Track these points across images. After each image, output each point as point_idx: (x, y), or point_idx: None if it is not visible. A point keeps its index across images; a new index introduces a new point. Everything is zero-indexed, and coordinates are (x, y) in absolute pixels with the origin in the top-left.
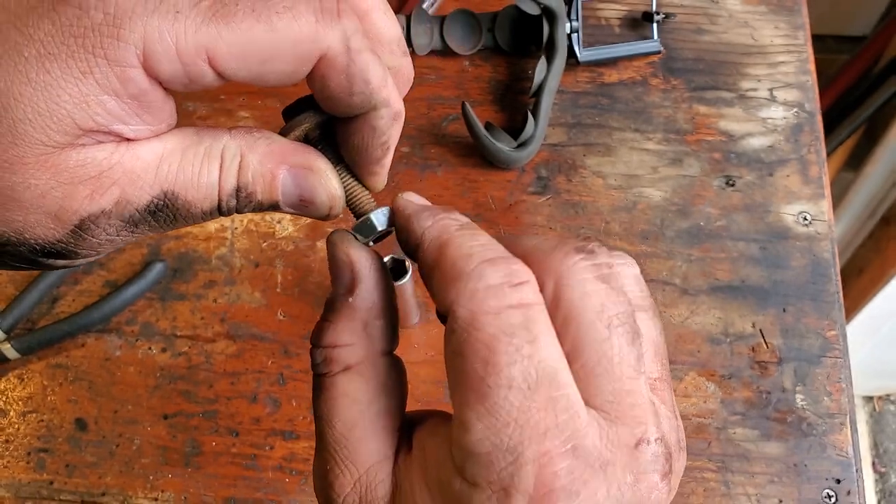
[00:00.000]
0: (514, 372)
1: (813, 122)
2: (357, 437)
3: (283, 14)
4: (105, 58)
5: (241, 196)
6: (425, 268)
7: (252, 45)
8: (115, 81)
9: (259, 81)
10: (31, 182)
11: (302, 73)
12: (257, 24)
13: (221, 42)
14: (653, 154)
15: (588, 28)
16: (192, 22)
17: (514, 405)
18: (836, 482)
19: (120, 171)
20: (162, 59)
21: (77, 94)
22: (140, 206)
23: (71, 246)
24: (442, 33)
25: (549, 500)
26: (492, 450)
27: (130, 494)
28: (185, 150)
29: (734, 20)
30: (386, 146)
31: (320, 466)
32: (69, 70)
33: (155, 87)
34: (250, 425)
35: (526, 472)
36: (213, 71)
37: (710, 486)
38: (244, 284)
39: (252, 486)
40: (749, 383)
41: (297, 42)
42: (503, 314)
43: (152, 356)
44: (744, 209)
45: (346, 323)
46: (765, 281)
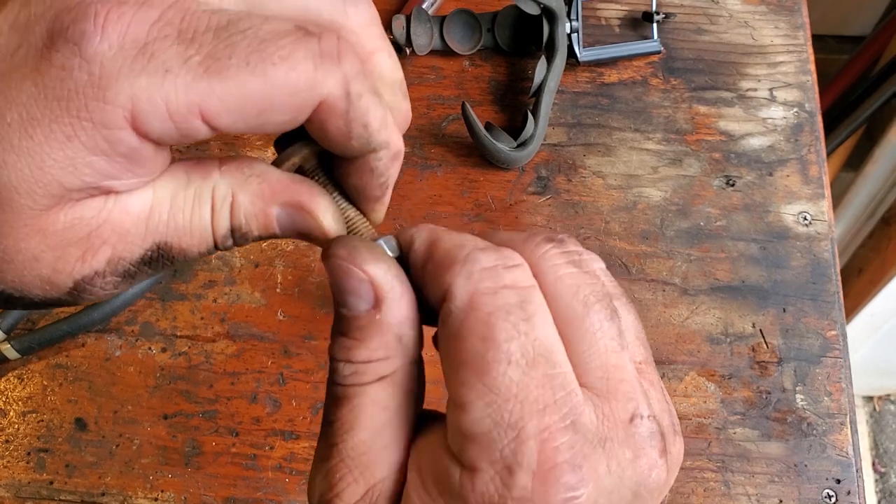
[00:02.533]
0: (513, 347)
1: (813, 121)
2: (381, 446)
3: (279, 65)
4: (91, 121)
5: (237, 235)
6: (417, 264)
7: (247, 99)
8: (102, 143)
9: (256, 132)
10: (22, 247)
11: (300, 121)
12: (252, 77)
13: (214, 98)
14: (653, 154)
15: (588, 28)
16: (183, 80)
17: (513, 380)
18: (836, 482)
19: (109, 229)
20: (152, 120)
21: (62, 158)
22: (133, 260)
23: (69, 302)
24: (442, 33)
25: (553, 474)
26: (492, 427)
27: (130, 494)
28: (174, 196)
29: (734, 20)
30: (385, 186)
31: (325, 471)
32: (53, 135)
33: (146, 143)
34: (250, 425)
35: (529, 447)
36: (206, 126)
37: (710, 486)
38: (244, 284)
39: (252, 486)
40: (749, 383)
41: (295, 92)
42: (499, 293)
43: (152, 356)
44: (744, 209)
45: (379, 339)
46: (765, 281)
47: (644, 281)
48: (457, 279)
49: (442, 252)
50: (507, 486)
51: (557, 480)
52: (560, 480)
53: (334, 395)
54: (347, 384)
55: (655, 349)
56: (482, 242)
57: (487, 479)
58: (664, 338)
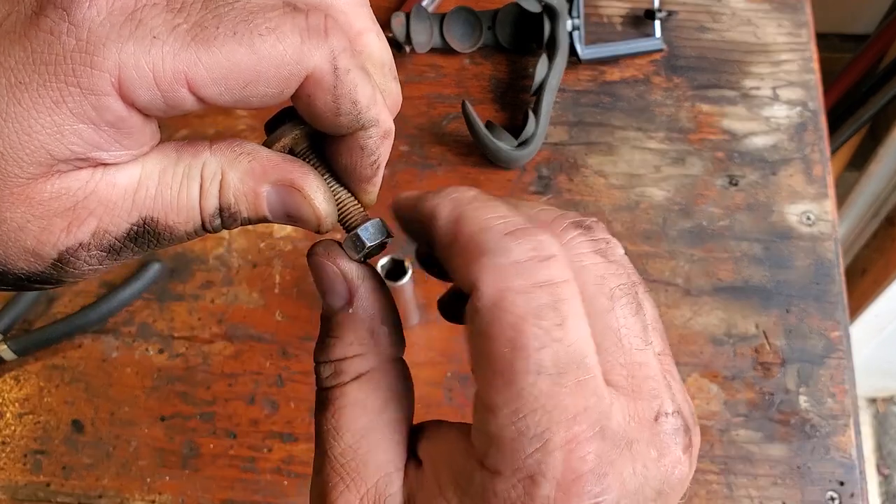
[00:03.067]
0: (544, 356)
1: (816, 120)
2: (367, 448)
3: (266, 36)
4: (78, 86)
5: (225, 216)
6: (443, 245)
7: (234, 70)
8: (89, 110)
9: (242, 105)
10: (7, 216)
11: (287, 94)
12: (239, 47)
13: (201, 67)
14: (655, 153)
15: (590, 26)
16: (171, 47)
17: (542, 391)
18: (839, 484)
19: (95, 200)
20: (138, 87)
21: (50, 124)
22: (119, 234)
23: (54, 276)
24: (442, 31)
25: (577, 485)
26: (517, 436)
27: (127, 496)
28: (163, 171)
29: (737, 18)
30: (376, 165)
31: (320, 484)
32: (41, 100)
33: (133, 113)
34: (248, 427)
35: (554, 458)
36: (193, 96)
37: (713, 489)
38: (242, 285)
39: (250, 489)
40: (752, 385)
41: (282, 64)
42: (532, 294)
43: (149, 357)
44: (747, 209)
45: (352, 334)
46: (768, 281)
47: (647, 281)
48: (484, 274)
49: (467, 236)
50: (530, 494)
51: (581, 490)
52: (584, 490)
53: (319, 400)
54: (328, 386)
55: None
56: (511, 220)
57: (510, 485)
58: (667, 339)
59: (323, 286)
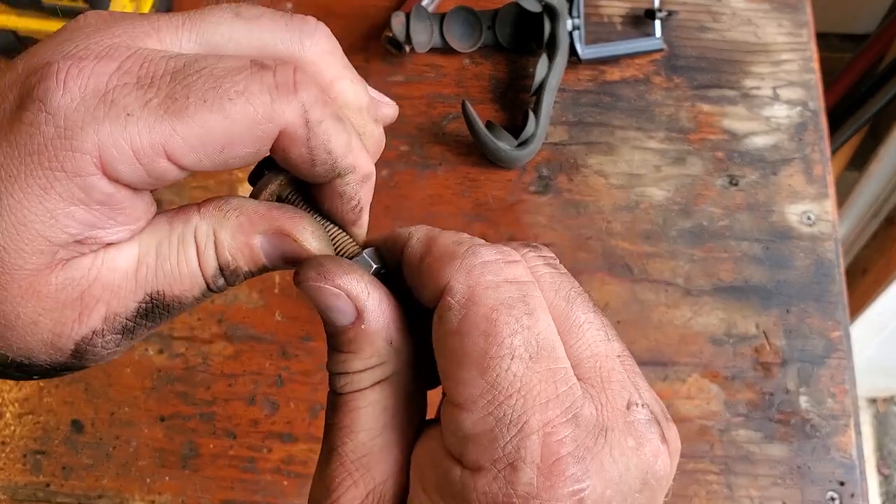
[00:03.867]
0: (517, 342)
1: (817, 120)
2: (380, 447)
3: (235, 100)
4: (63, 170)
5: (227, 273)
6: (413, 262)
7: (209, 136)
8: (77, 191)
9: (224, 167)
10: (19, 311)
11: (264, 152)
12: (211, 114)
13: (177, 137)
14: (655, 153)
15: (590, 25)
16: (145, 123)
17: (516, 375)
18: (839, 484)
19: (100, 286)
20: (119, 163)
21: (43, 211)
22: (129, 314)
23: (76, 364)
24: (442, 31)
25: (557, 468)
26: (494, 425)
27: (127, 497)
28: (159, 245)
29: (737, 18)
30: (358, 208)
31: (325, 479)
32: (30, 189)
33: (120, 188)
34: (248, 427)
35: (532, 441)
36: (174, 166)
37: (713, 489)
38: (242, 285)
39: (250, 489)
40: (752, 385)
41: (254, 124)
42: (501, 288)
43: (149, 357)
44: (747, 209)
45: (369, 348)
46: (768, 281)
47: (646, 281)
48: (457, 273)
49: (441, 247)
50: (512, 483)
51: (563, 473)
52: (565, 473)
53: (333, 402)
54: (346, 391)
55: (657, 350)
56: (479, 240)
57: (491, 478)
58: (666, 339)
59: (324, 307)
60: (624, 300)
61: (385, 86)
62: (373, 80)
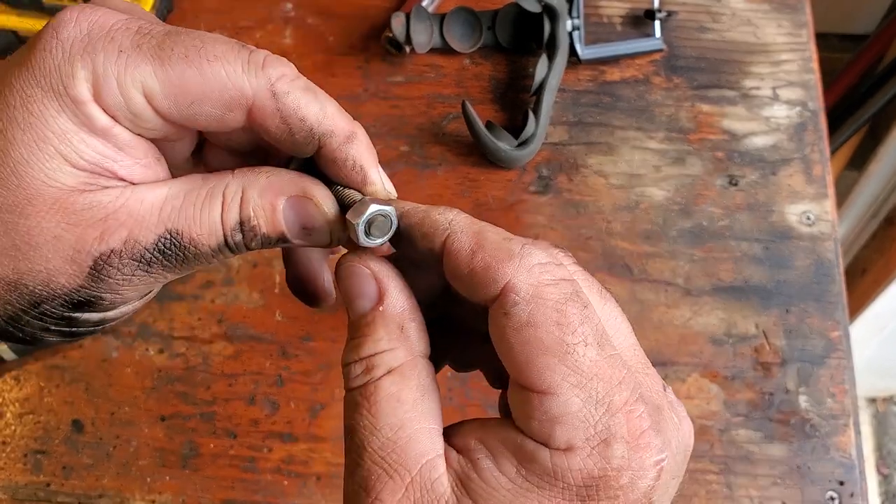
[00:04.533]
0: (587, 330)
1: (816, 120)
2: (406, 438)
3: (212, 62)
4: (68, 95)
5: (246, 229)
6: (461, 255)
7: (182, 86)
8: (82, 118)
9: (190, 123)
10: (43, 225)
11: (231, 119)
12: (188, 68)
13: (155, 80)
14: (655, 153)
15: (590, 26)
16: (133, 60)
17: (593, 360)
18: (839, 484)
19: (125, 213)
20: (107, 94)
21: (58, 130)
22: (148, 244)
23: (93, 290)
24: (442, 31)
25: (643, 441)
26: (582, 406)
27: (128, 497)
28: (189, 192)
29: (737, 18)
30: (359, 167)
31: (360, 482)
32: (46, 109)
33: (117, 126)
34: (248, 427)
35: (619, 419)
36: (149, 107)
37: (713, 489)
38: (242, 285)
39: (250, 489)
40: (752, 385)
41: (223, 88)
42: (559, 285)
43: (149, 357)
44: (747, 209)
45: (382, 330)
46: (768, 281)
47: (646, 281)
48: (518, 272)
49: (492, 244)
50: (606, 458)
51: (648, 446)
52: (651, 445)
53: (352, 401)
54: (360, 384)
55: (657, 350)
56: (523, 238)
57: (585, 455)
58: (666, 339)
59: (353, 291)
60: (624, 300)
61: (385, 86)
62: (373, 80)
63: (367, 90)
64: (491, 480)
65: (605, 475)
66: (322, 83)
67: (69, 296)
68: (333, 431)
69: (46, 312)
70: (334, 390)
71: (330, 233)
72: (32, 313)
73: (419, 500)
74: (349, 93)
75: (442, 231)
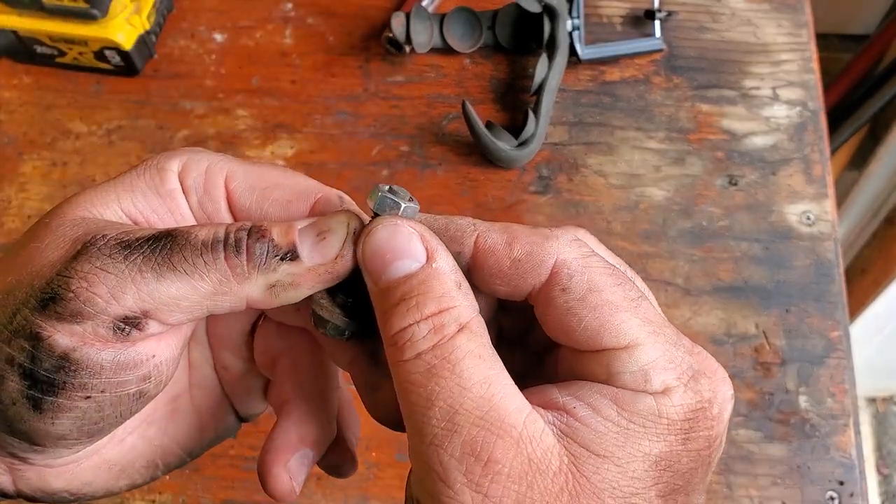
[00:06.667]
0: (637, 285)
1: (816, 120)
2: (500, 394)
3: (296, 173)
4: (158, 165)
5: (253, 230)
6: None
7: (262, 176)
8: (159, 179)
9: (258, 206)
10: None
11: (295, 208)
12: (273, 169)
13: (241, 170)
14: (655, 153)
15: (589, 26)
16: (227, 159)
17: (652, 309)
18: (839, 484)
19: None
20: (192, 168)
21: (129, 185)
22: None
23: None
24: (442, 31)
25: (718, 374)
26: (666, 350)
27: (127, 496)
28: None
29: (737, 18)
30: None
31: (461, 448)
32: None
33: (179, 191)
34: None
35: (694, 356)
36: (223, 188)
37: (713, 489)
38: None
39: (250, 489)
40: (752, 384)
41: (298, 183)
42: (595, 254)
43: None
44: (747, 209)
45: (440, 286)
46: (768, 281)
47: (646, 281)
48: (564, 248)
49: (525, 233)
50: (698, 392)
51: (724, 379)
52: (725, 379)
53: (423, 366)
54: (430, 345)
55: None
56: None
57: (682, 391)
58: None
59: (397, 251)
60: None
61: (385, 86)
62: (373, 80)
63: (367, 90)
64: (597, 426)
65: (701, 407)
66: (322, 83)
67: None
68: None
69: (18, 328)
70: None
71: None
72: (5, 333)
73: (532, 454)
74: (349, 93)
75: (470, 232)
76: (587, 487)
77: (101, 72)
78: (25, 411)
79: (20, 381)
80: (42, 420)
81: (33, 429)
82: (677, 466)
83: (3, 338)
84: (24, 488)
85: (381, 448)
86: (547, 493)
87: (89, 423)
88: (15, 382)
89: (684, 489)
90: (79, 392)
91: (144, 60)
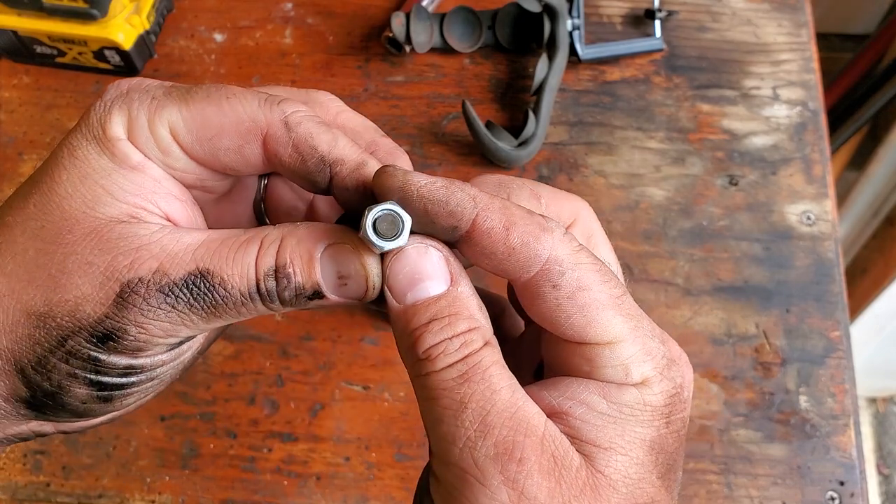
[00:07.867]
0: (619, 279)
1: (817, 120)
2: (522, 399)
3: (231, 99)
4: (105, 136)
5: (280, 276)
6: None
7: (203, 121)
8: (119, 154)
9: (213, 158)
10: (78, 251)
11: (249, 153)
12: (209, 105)
13: (179, 118)
14: (655, 153)
15: (590, 25)
16: (161, 104)
17: (634, 305)
18: (839, 484)
19: (159, 247)
20: (138, 131)
21: (99, 168)
22: (176, 278)
23: (118, 320)
24: (442, 31)
25: (683, 358)
26: (644, 343)
27: (127, 497)
28: (227, 237)
29: (737, 18)
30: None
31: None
32: (89, 152)
33: (147, 160)
34: (248, 427)
35: (668, 345)
36: (175, 144)
37: (713, 489)
38: None
39: (250, 489)
40: (752, 384)
41: (240, 121)
42: (584, 248)
43: None
44: (747, 209)
45: (466, 309)
46: (768, 281)
47: (646, 281)
48: (556, 245)
49: (522, 220)
50: (672, 378)
51: (688, 363)
52: (688, 363)
53: (454, 375)
54: (461, 357)
55: None
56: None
57: (660, 379)
58: None
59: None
60: None
61: (385, 86)
62: (373, 80)
63: (367, 90)
64: (595, 421)
65: (676, 392)
66: (322, 83)
67: (94, 327)
68: (333, 431)
69: (72, 351)
70: (334, 390)
71: (366, 279)
72: (59, 353)
73: (556, 452)
74: (349, 92)
75: (470, 209)
76: (603, 481)
77: (101, 72)
78: (97, 406)
79: (88, 388)
80: (111, 406)
81: (101, 412)
82: (666, 448)
83: (57, 357)
84: (66, 429)
85: (381, 448)
86: (574, 488)
87: (153, 392)
88: (83, 390)
89: (673, 468)
90: (146, 382)
91: (144, 60)
